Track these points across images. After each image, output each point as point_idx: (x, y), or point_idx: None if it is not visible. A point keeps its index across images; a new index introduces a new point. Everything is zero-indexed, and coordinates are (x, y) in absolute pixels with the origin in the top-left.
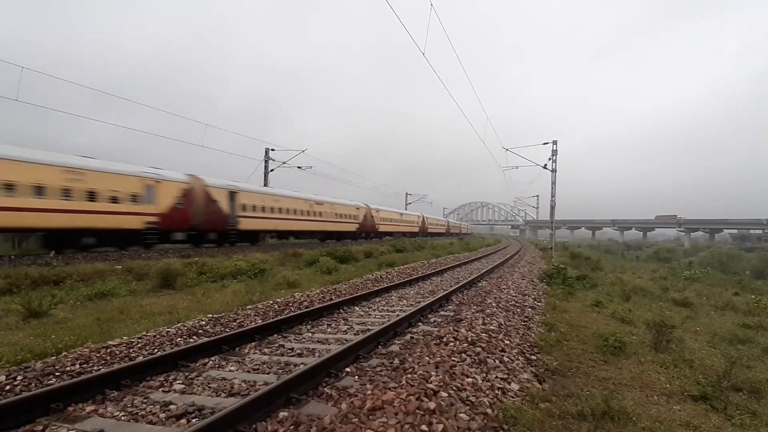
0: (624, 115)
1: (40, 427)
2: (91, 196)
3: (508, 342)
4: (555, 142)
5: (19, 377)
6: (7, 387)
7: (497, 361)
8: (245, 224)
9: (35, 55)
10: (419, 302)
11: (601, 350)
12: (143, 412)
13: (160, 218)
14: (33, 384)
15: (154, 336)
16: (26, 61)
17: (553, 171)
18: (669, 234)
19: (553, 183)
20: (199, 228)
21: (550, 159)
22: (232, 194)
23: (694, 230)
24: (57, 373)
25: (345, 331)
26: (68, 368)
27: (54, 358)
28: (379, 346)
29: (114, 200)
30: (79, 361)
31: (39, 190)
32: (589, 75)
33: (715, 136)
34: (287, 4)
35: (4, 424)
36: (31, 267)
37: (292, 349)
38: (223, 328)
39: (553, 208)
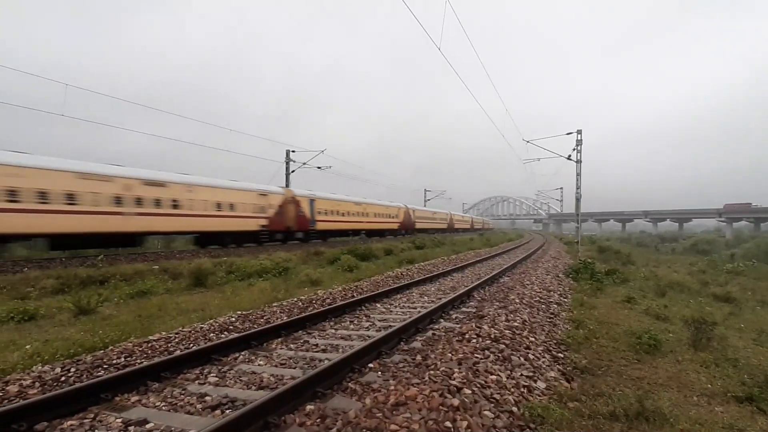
0: (656, 102)
1: (92, 415)
2: (388, 217)
3: (533, 339)
4: (579, 132)
5: (73, 369)
6: (62, 378)
7: (522, 359)
8: (418, 226)
9: (80, 70)
10: (440, 299)
11: (634, 348)
12: (182, 403)
13: (399, 224)
14: (84, 375)
15: (189, 331)
16: (71, 77)
17: (578, 162)
18: (708, 224)
19: (578, 174)
20: (405, 228)
21: (574, 149)
22: (413, 210)
23: (736, 220)
24: (105, 366)
25: (367, 327)
26: (114, 361)
27: (102, 351)
28: (401, 343)
29: (389, 217)
30: (123, 355)
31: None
32: (616, 62)
33: (760, 119)
34: (309, 11)
35: (61, 412)
36: (79, 268)
37: (316, 344)
38: (251, 325)
39: (578, 200)
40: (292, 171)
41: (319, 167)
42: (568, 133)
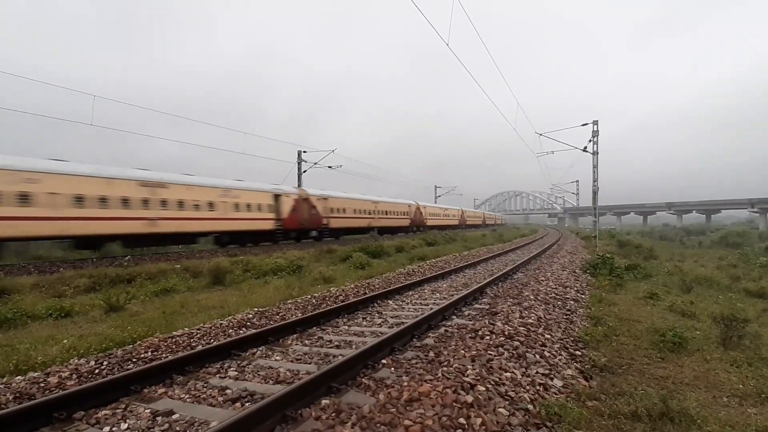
0: (684, 88)
1: (123, 405)
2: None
3: (548, 336)
4: (596, 123)
5: (105, 362)
6: (96, 371)
7: (537, 356)
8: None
9: (120, 86)
10: (452, 295)
11: (658, 346)
12: (204, 395)
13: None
14: (115, 368)
15: (210, 327)
16: (113, 92)
17: (594, 153)
18: (739, 216)
19: (595, 166)
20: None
21: (590, 141)
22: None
23: None
24: (134, 360)
25: (380, 324)
26: (142, 355)
27: (131, 346)
28: (414, 339)
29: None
30: (150, 349)
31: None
32: (642, 47)
33: None
34: (327, 18)
35: (96, 402)
36: (109, 268)
37: (330, 341)
38: (267, 321)
39: (595, 193)
40: (304, 171)
41: (330, 166)
42: (583, 124)
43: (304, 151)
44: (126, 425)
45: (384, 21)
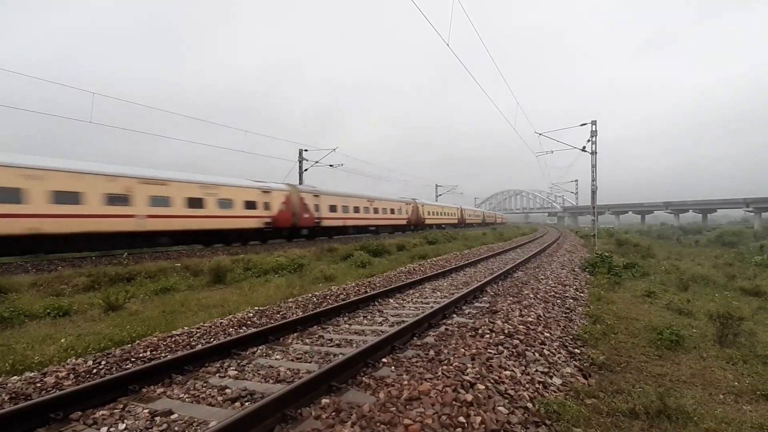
0: (685, 91)
1: (121, 406)
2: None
3: (548, 334)
4: (594, 123)
5: (103, 362)
6: (94, 370)
7: (537, 354)
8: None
9: (150, 89)
10: (453, 294)
11: (655, 344)
12: (204, 395)
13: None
14: (114, 368)
15: (210, 326)
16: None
17: (593, 153)
18: (734, 215)
19: (594, 166)
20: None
21: (589, 141)
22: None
23: (765, 209)
24: (132, 359)
25: (380, 322)
26: (141, 354)
27: (129, 345)
28: (414, 338)
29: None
30: (149, 349)
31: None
32: (646, 55)
33: None
34: (350, 29)
35: (93, 402)
36: (108, 266)
37: (331, 339)
38: (268, 320)
39: (594, 192)
40: (305, 170)
41: (331, 165)
42: (582, 124)
43: (306, 150)
44: (124, 425)
45: (397, 30)
